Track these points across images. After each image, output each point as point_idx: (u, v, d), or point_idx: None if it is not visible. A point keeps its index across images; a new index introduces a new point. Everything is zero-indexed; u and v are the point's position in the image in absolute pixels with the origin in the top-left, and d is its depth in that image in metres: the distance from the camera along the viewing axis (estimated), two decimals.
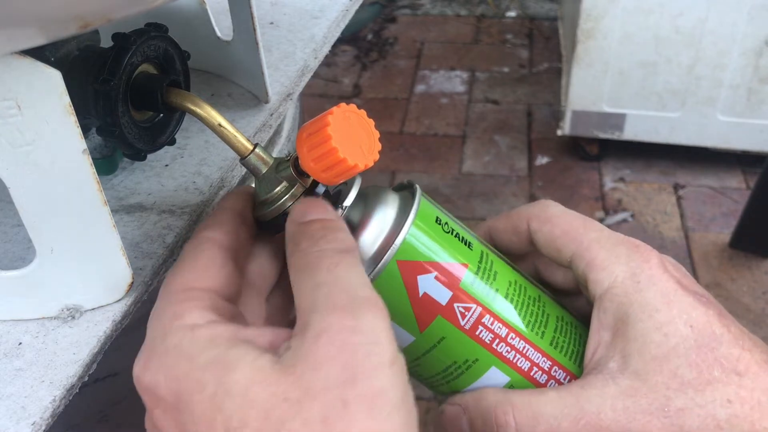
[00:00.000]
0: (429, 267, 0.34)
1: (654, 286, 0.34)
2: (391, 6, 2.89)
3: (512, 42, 2.66)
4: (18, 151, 0.30)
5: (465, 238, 0.36)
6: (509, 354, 0.36)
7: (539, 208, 0.38)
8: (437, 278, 0.34)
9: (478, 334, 0.35)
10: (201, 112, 0.35)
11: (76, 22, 0.26)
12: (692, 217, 1.89)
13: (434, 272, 0.34)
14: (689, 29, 1.73)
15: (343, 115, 0.32)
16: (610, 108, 1.89)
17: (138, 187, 0.42)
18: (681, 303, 0.33)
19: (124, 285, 0.35)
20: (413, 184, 0.37)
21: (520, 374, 0.36)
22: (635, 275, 0.34)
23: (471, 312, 0.35)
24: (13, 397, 0.32)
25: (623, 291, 0.34)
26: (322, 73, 2.49)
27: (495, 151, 2.14)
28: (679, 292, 0.34)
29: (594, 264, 0.35)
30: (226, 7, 0.45)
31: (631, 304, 0.34)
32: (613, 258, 0.35)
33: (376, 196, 0.35)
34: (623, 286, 0.34)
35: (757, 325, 1.61)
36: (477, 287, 0.35)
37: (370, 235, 0.34)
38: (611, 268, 0.35)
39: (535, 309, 0.37)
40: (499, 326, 0.36)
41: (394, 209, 0.35)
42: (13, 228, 0.40)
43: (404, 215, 0.34)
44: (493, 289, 0.36)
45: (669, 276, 0.34)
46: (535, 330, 0.36)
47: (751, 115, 1.83)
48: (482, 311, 0.35)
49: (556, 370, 0.37)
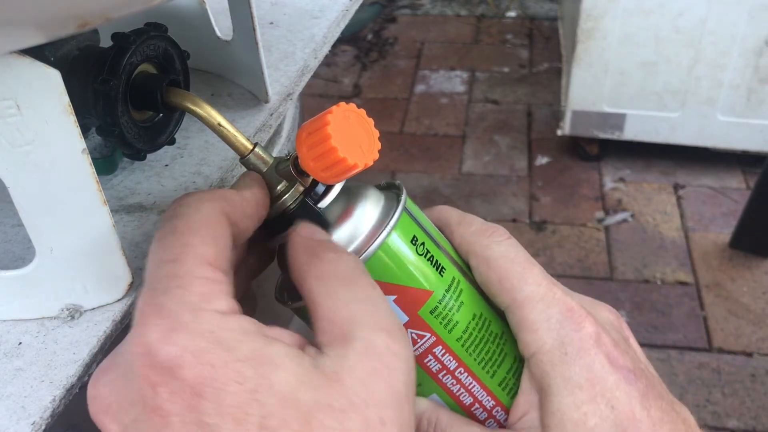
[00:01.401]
0: (391, 289, 0.34)
1: (581, 360, 0.33)
2: (391, 6, 2.89)
3: (512, 42, 2.66)
4: (18, 151, 0.30)
5: (438, 262, 0.35)
6: (453, 387, 0.36)
7: (480, 246, 0.36)
8: (396, 301, 0.34)
9: (426, 362, 0.35)
10: (201, 112, 0.35)
11: (75, 22, 0.26)
12: (692, 217, 1.89)
13: (395, 295, 0.34)
14: (689, 29, 1.73)
15: (343, 114, 0.32)
16: (610, 108, 1.89)
17: (138, 187, 0.42)
18: (606, 381, 0.33)
19: (124, 285, 0.35)
20: (400, 190, 0.36)
21: (460, 407, 0.36)
22: (563, 345, 0.33)
23: (424, 340, 0.35)
24: (13, 397, 0.32)
25: (549, 360, 0.33)
26: (322, 73, 2.49)
27: (495, 151, 2.14)
28: (606, 368, 0.33)
29: (524, 324, 0.34)
30: (226, 7, 0.45)
31: (554, 377, 0.33)
32: (544, 321, 0.34)
33: (357, 198, 0.34)
34: (550, 354, 0.33)
35: (757, 325, 1.61)
36: (435, 317, 0.34)
37: (341, 239, 0.33)
38: (540, 333, 0.34)
39: (492, 347, 0.36)
40: (449, 359, 0.35)
41: (372, 217, 0.34)
42: (13, 228, 0.40)
43: (379, 228, 0.33)
44: (453, 320, 0.35)
45: (599, 350, 0.33)
46: (486, 368, 0.36)
47: (751, 115, 1.83)
48: (435, 341, 0.35)
49: (498, 410, 0.36)
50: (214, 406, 0.25)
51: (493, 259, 0.35)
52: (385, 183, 0.38)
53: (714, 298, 1.68)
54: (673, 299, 1.67)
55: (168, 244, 0.29)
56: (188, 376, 0.25)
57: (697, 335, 1.59)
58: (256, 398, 0.25)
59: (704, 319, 1.63)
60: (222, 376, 0.25)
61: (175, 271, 0.28)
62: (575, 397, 0.32)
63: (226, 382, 0.25)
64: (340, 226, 0.34)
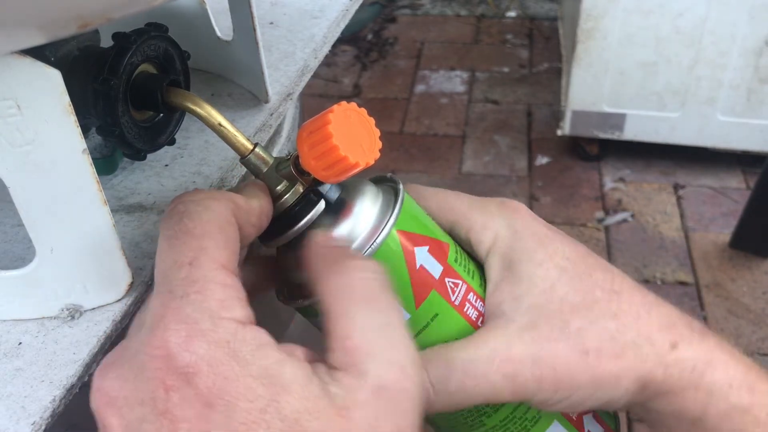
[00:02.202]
0: (424, 240, 0.35)
1: (528, 231, 0.37)
2: (391, 6, 2.89)
3: (512, 42, 2.66)
4: (18, 150, 0.30)
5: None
6: None
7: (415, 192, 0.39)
8: (430, 251, 0.35)
9: (465, 311, 0.36)
10: (201, 112, 0.35)
11: (76, 22, 0.26)
12: (692, 217, 1.89)
13: (428, 245, 0.35)
14: (689, 29, 1.73)
15: (344, 113, 0.32)
16: (610, 108, 1.89)
17: (138, 187, 0.42)
18: (553, 242, 0.37)
19: (123, 285, 0.35)
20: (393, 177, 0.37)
21: None
22: (511, 226, 0.37)
23: (459, 288, 0.36)
24: (13, 397, 0.32)
25: (504, 243, 0.37)
26: (322, 73, 2.49)
27: (495, 151, 2.14)
28: (549, 233, 0.37)
29: (473, 226, 0.38)
30: (226, 7, 0.45)
31: (514, 251, 0.36)
32: (488, 217, 0.38)
33: (359, 180, 0.35)
34: (504, 239, 0.37)
35: (757, 325, 1.61)
36: (459, 265, 0.36)
37: (366, 205, 0.34)
38: (490, 226, 0.37)
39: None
40: (480, 305, 0.36)
41: (380, 190, 0.35)
42: (13, 228, 0.40)
43: (396, 192, 0.35)
44: (470, 268, 0.37)
45: (538, 222, 0.38)
46: None
47: (751, 115, 1.83)
48: (467, 288, 0.36)
49: None
50: (224, 420, 0.25)
51: (426, 194, 0.39)
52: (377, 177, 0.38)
53: (714, 298, 1.68)
54: (673, 299, 1.66)
55: (182, 244, 0.28)
56: (201, 385, 0.25)
57: None
58: (265, 418, 0.25)
59: (704, 319, 1.63)
60: (233, 390, 0.25)
61: (192, 274, 0.28)
62: (535, 260, 0.36)
63: (237, 396, 0.25)
64: (360, 192, 0.34)
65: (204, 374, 0.25)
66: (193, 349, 0.26)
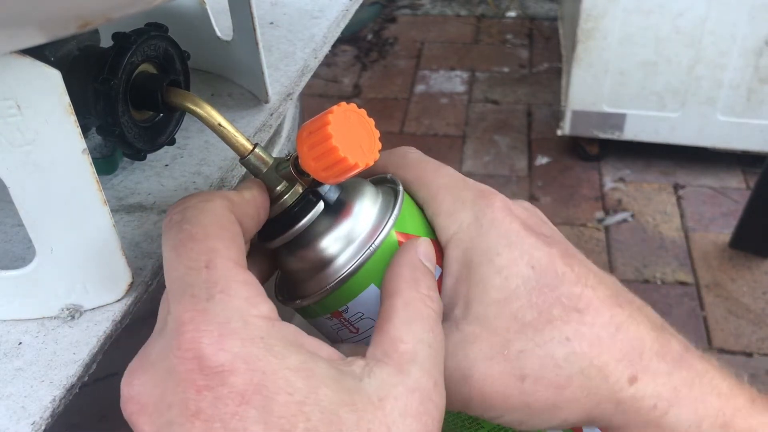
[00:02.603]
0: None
1: (495, 229, 0.33)
2: (391, 6, 2.89)
3: (512, 42, 2.66)
4: (18, 150, 0.30)
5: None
6: None
7: (397, 155, 0.37)
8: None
9: None
10: (201, 112, 0.35)
11: (76, 22, 0.26)
12: (692, 217, 1.89)
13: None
14: (689, 29, 1.73)
15: (344, 114, 0.32)
16: (610, 108, 1.89)
17: (138, 186, 0.42)
18: (523, 244, 0.33)
19: (124, 285, 0.35)
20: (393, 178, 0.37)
21: None
22: (478, 219, 0.33)
23: None
24: (13, 397, 0.32)
25: (467, 236, 0.33)
26: (322, 73, 2.49)
27: (495, 151, 2.14)
28: (521, 233, 0.33)
29: (440, 211, 0.35)
30: (226, 7, 0.45)
31: (474, 249, 0.33)
32: (459, 204, 0.34)
33: (359, 181, 0.35)
34: (468, 231, 0.34)
35: (757, 325, 1.61)
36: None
37: (366, 205, 0.34)
38: (456, 214, 0.34)
39: None
40: None
41: (380, 191, 0.35)
42: (13, 228, 0.40)
43: (396, 193, 0.35)
44: None
45: (513, 218, 0.33)
46: None
47: (751, 115, 1.83)
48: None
49: None
50: (261, 415, 0.25)
51: (409, 163, 0.36)
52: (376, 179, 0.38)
53: (714, 298, 1.68)
54: (673, 299, 1.67)
55: (190, 250, 0.28)
56: (238, 382, 0.25)
57: (697, 335, 1.59)
58: (303, 410, 0.25)
59: (704, 319, 1.63)
60: (272, 385, 0.25)
61: (212, 276, 0.27)
62: (494, 264, 0.32)
63: (276, 390, 0.25)
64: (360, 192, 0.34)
65: (241, 371, 0.25)
66: (228, 347, 0.26)
